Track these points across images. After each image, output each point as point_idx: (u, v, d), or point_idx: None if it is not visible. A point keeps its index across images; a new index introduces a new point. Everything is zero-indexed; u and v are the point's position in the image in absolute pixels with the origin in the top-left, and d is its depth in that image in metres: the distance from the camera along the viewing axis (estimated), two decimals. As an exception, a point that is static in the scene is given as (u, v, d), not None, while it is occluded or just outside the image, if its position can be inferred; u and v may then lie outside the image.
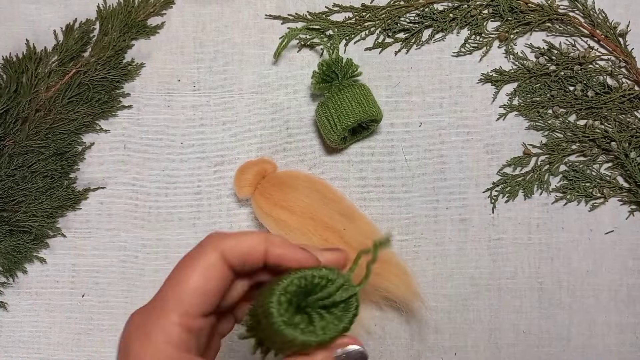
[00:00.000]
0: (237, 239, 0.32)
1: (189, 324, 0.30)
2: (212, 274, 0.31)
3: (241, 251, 0.32)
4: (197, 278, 0.31)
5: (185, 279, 0.31)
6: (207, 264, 0.31)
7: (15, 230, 0.55)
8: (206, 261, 0.31)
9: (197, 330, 0.31)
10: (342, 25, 0.60)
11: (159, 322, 0.30)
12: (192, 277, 0.31)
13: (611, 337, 0.57)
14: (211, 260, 0.31)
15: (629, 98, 0.58)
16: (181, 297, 0.30)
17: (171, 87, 0.59)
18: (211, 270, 0.31)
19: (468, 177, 0.59)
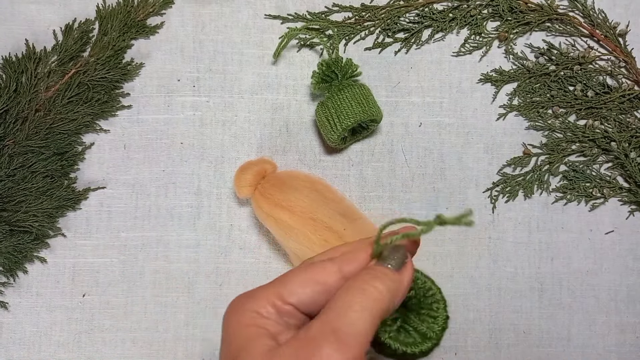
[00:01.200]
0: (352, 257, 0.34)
1: (278, 305, 0.32)
2: (322, 280, 0.33)
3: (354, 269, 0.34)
4: (308, 276, 0.33)
5: (297, 273, 0.33)
6: (322, 272, 0.33)
7: (15, 230, 0.56)
8: (323, 270, 0.33)
9: (286, 314, 0.32)
10: (341, 25, 0.60)
11: (254, 296, 0.33)
12: (303, 274, 0.33)
13: (611, 337, 0.57)
14: (327, 271, 0.33)
15: (629, 98, 0.58)
16: (285, 283, 0.33)
17: (171, 87, 0.59)
18: (323, 278, 0.33)
19: (468, 177, 0.59)
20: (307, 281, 0.33)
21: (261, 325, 0.32)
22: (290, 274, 0.34)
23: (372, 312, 0.31)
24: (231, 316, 0.33)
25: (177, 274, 0.57)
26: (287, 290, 0.33)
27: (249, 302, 0.33)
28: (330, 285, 0.33)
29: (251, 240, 0.57)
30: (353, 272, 0.33)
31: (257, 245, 0.57)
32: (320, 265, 0.34)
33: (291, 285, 0.33)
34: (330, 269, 0.33)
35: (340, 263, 0.34)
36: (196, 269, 0.57)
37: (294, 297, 0.32)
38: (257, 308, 0.32)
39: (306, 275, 0.33)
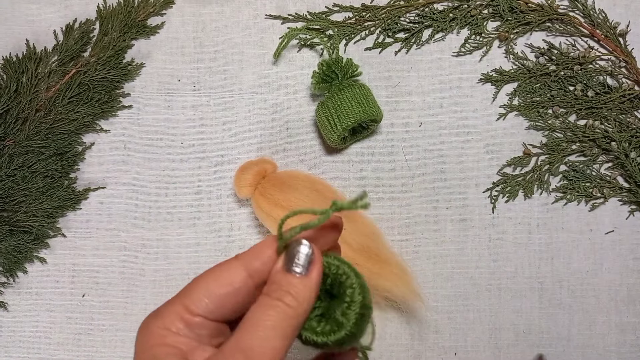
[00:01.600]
0: (254, 252, 0.32)
1: (187, 318, 0.30)
2: (227, 281, 0.31)
3: (258, 264, 0.32)
4: (210, 280, 0.31)
5: (200, 280, 0.31)
6: (225, 273, 0.31)
7: (15, 230, 0.56)
8: (226, 270, 0.31)
9: (197, 327, 0.31)
10: (342, 25, 0.60)
11: (161, 313, 0.31)
12: (206, 279, 0.31)
13: (611, 337, 0.57)
14: (231, 270, 0.31)
15: (629, 98, 0.58)
16: (189, 293, 0.31)
17: (171, 87, 0.59)
18: (227, 278, 0.31)
19: (468, 177, 0.59)
20: (213, 287, 0.31)
21: (171, 344, 0.30)
22: (194, 282, 0.31)
23: (284, 327, 0.30)
24: (139, 337, 0.31)
25: (177, 274, 0.57)
26: (193, 301, 0.30)
27: (157, 320, 0.31)
28: (237, 286, 0.31)
29: (251, 240, 0.57)
30: (259, 269, 0.32)
31: (257, 245, 0.57)
32: (225, 266, 0.32)
33: (196, 295, 0.31)
34: (235, 268, 0.31)
35: (245, 260, 0.32)
36: (196, 269, 0.57)
37: (201, 308, 0.30)
38: (166, 325, 0.30)
39: (210, 280, 0.31)
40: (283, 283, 0.31)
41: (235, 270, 0.31)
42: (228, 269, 0.32)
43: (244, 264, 0.32)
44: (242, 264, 0.32)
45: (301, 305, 0.31)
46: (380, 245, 0.55)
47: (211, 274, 0.32)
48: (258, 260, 0.32)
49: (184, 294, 0.31)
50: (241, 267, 0.32)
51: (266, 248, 0.32)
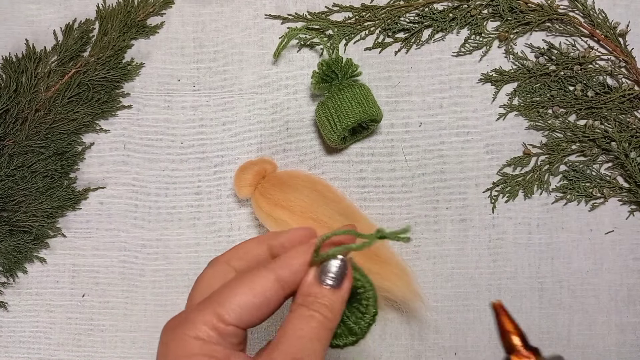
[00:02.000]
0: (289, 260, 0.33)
1: (219, 327, 0.30)
2: (259, 291, 0.31)
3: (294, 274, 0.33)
4: (244, 290, 0.31)
5: (234, 288, 0.31)
6: (257, 282, 0.32)
7: (15, 230, 0.55)
8: (259, 279, 0.32)
9: (228, 335, 0.31)
10: (342, 25, 0.60)
11: (193, 319, 0.31)
12: (239, 288, 0.31)
13: (611, 337, 0.57)
14: (264, 280, 0.32)
15: (629, 98, 0.58)
16: (222, 303, 0.31)
17: (171, 87, 0.59)
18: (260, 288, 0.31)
19: (468, 177, 0.59)
20: (247, 297, 0.31)
21: (207, 353, 0.30)
22: (225, 290, 0.32)
23: (324, 336, 0.31)
24: (170, 345, 0.31)
25: (177, 274, 0.57)
26: (226, 310, 0.31)
27: (188, 328, 0.30)
28: (269, 295, 0.32)
29: (251, 240, 0.57)
30: (289, 278, 0.32)
31: (257, 245, 0.57)
32: (257, 276, 0.32)
33: (229, 305, 0.31)
34: (267, 277, 0.32)
35: (276, 269, 0.32)
36: (196, 269, 0.57)
37: (234, 317, 0.31)
38: (199, 334, 0.30)
39: (243, 290, 0.31)
40: (319, 296, 0.32)
41: (268, 279, 0.32)
42: (260, 279, 0.32)
43: (275, 273, 0.32)
44: (274, 274, 0.32)
45: (336, 317, 0.32)
46: (380, 245, 0.55)
47: (244, 284, 0.32)
48: (288, 270, 0.32)
49: (216, 302, 0.31)
50: (273, 276, 0.32)
51: (296, 259, 0.33)
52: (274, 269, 0.32)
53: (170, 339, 0.31)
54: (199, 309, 0.31)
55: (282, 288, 0.32)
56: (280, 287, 0.32)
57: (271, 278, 0.32)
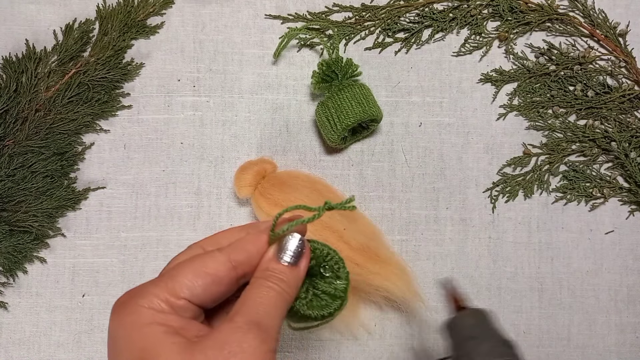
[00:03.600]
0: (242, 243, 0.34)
1: (171, 301, 0.31)
2: (211, 271, 0.32)
3: (247, 254, 0.34)
4: (195, 268, 0.32)
5: (186, 267, 0.32)
6: (210, 262, 0.33)
7: (15, 230, 0.55)
8: (211, 260, 0.33)
9: (180, 309, 0.31)
10: (342, 25, 0.60)
11: (144, 292, 0.31)
12: (191, 266, 0.32)
13: (611, 337, 0.57)
14: (215, 260, 0.33)
15: (629, 98, 0.58)
16: (174, 277, 0.32)
17: (171, 87, 0.59)
18: (212, 268, 0.32)
19: (468, 177, 0.59)
20: (198, 274, 0.32)
21: (162, 322, 0.30)
22: (179, 267, 0.33)
23: (280, 306, 0.33)
24: (123, 317, 0.31)
25: (177, 274, 0.57)
26: (179, 284, 0.31)
27: (140, 299, 0.31)
28: (221, 276, 0.33)
29: (251, 240, 0.57)
30: (243, 261, 0.34)
31: (257, 245, 0.57)
32: (209, 257, 0.33)
33: (182, 279, 0.32)
34: (220, 259, 0.33)
35: (230, 253, 0.33)
36: (196, 269, 0.57)
37: (186, 292, 0.31)
38: (152, 305, 0.31)
39: (196, 267, 0.32)
40: (276, 271, 0.34)
41: (220, 261, 0.33)
42: (213, 259, 0.33)
43: (228, 256, 0.33)
44: (226, 256, 0.33)
45: (293, 291, 0.34)
46: (380, 245, 0.55)
47: (197, 262, 0.33)
48: (242, 253, 0.34)
49: (169, 276, 0.32)
50: (225, 258, 0.33)
51: (251, 244, 0.34)
52: (227, 252, 0.33)
53: (123, 311, 0.31)
54: (152, 282, 0.32)
55: (234, 269, 0.33)
56: (232, 268, 0.33)
57: (223, 260, 0.33)
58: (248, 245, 0.34)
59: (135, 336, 0.30)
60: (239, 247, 0.34)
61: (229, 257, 0.33)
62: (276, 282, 0.33)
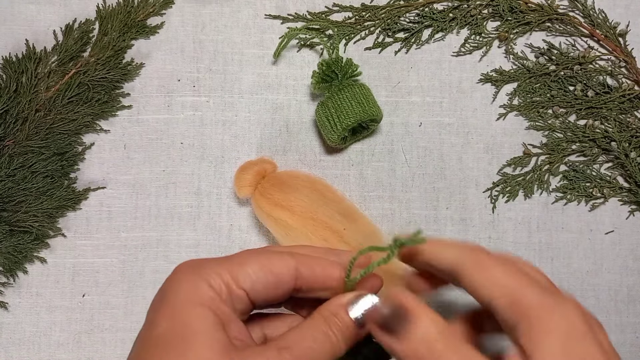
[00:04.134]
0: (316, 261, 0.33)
1: (231, 286, 0.30)
2: (277, 271, 0.31)
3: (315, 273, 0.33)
4: (263, 264, 0.31)
5: (254, 258, 0.31)
6: (277, 263, 0.32)
7: (15, 230, 0.56)
8: (279, 261, 0.32)
9: (236, 298, 0.30)
10: (341, 25, 0.60)
11: (206, 266, 0.30)
12: (259, 261, 0.31)
13: (611, 337, 0.56)
14: (284, 263, 0.32)
15: (629, 98, 0.58)
16: (241, 266, 0.30)
17: (171, 87, 0.59)
18: (278, 269, 0.31)
19: (468, 177, 0.59)
20: (264, 268, 0.31)
21: (215, 309, 0.29)
22: (246, 254, 0.31)
23: (327, 354, 0.31)
24: (184, 285, 0.30)
25: (177, 274, 0.57)
26: (243, 272, 0.30)
27: (206, 273, 0.30)
28: (283, 280, 0.31)
29: (251, 240, 0.57)
30: (306, 277, 0.32)
31: (257, 245, 0.57)
32: (279, 256, 0.32)
33: (247, 268, 0.30)
34: (289, 263, 0.32)
35: (299, 262, 0.32)
36: (196, 269, 0.57)
37: (248, 282, 0.30)
38: (212, 282, 0.29)
39: (263, 261, 0.31)
40: (342, 322, 0.32)
41: (289, 265, 0.32)
42: (282, 261, 0.32)
43: (297, 264, 0.32)
44: (295, 263, 0.32)
45: (344, 348, 0.32)
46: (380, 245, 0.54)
47: (265, 257, 0.31)
48: (309, 271, 0.32)
49: (235, 261, 0.31)
50: (294, 264, 0.32)
51: (321, 267, 0.33)
52: (298, 259, 0.32)
53: (185, 276, 0.30)
54: (217, 262, 0.31)
55: (296, 279, 0.32)
56: (295, 278, 0.32)
57: (291, 265, 0.32)
58: (317, 267, 0.33)
59: (185, 308, 0.29)
60: (309, 263, 0.32)
61: (297, 265, 0.32)
62: (336, 333, 0.31)
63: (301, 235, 0.52)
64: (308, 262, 0.33)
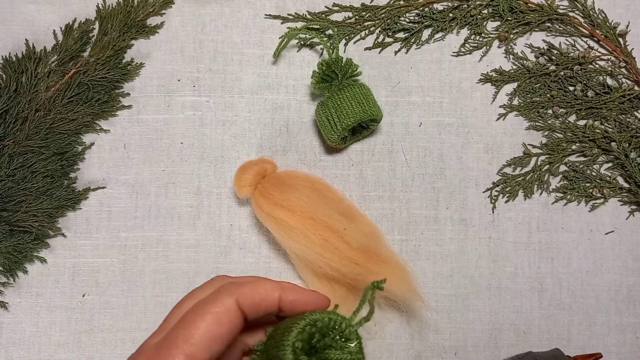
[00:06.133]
0: (252, 286, 0.33)
1: None
2: (224, 318, 0.31)
3: (255, 298, 0.32)
4: (209, 321, 0.31)
5: (198, 321, 0.31)
6: (221, 309, 0.31)
7: (15, 230, 0.55)
8: (221, 306, 0.32)
9: None
10: (341, 25, 0.60)
11: (162, 356, 0.30)
12: (204, 320, 0.31)
13: (611, 337, 0.57)
14: (226, 306, 0.32)
15: (629, 98, 0.58)
16: (190, 339, 0.30)
17: (171, 87, 0.59)
18: (224, 315, 0.31)
19: (468, 177, 0.59)
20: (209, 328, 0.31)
21: None
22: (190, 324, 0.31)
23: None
24: None
25: (177, 274, 0.57)
26: (198, 348, 0.30)
27: None
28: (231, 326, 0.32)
29: (251, 240, 0.57)
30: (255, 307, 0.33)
31: (257, 245, 0.57)
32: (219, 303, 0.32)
33: (193, 340, 0.30)
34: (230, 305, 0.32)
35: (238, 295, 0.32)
36: (196, 269, 0.57)
37: (204, 354, 0.30)
38: None
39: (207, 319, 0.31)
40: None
41: (231, 308, 0.32)
42: (225, 309, 0.32)
43: (240, 304, 0.32)
44: (236, 303, 0.32)
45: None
46: (380, 245, 0.55)
47: (206, 314, 0.31)
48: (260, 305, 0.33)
49: (184, 341, 0.30)
50: (235, 305, 0.32)
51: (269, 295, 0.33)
52: (234, 293, 0.32)
53: None
54: (168, 349, 0.31)
55: (240, 317, 0.32)
56: (239, 317, 0.32)
57: (233, 304, 0.32)
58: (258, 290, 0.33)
59: None
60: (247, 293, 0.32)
61: (237, 299, 0.32)
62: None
63: (301, 235, 0.52)
64: (245, 293, 0.32)
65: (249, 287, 0.33)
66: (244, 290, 0.32)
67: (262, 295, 0.33)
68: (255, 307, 0.33)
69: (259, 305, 0.33)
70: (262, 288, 0.33)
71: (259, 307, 0.33)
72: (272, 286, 0.33)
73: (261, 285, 0.33)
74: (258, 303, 0.33)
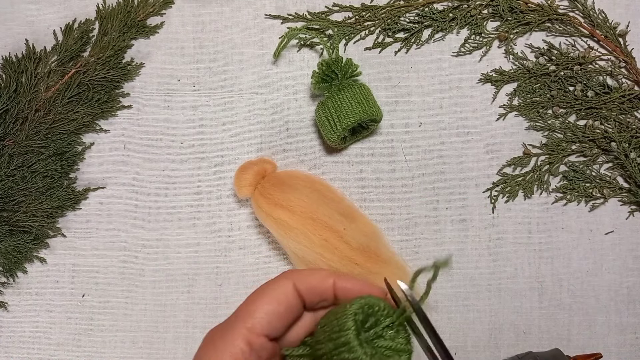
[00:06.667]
0: (309, 272, 0.36)
1: (252, 340, 0.33)
2: (283, 298, 0.34)
3: (311, 282, 0.35)
4: (269, 300, 0.34)
5: (257, 300, 0.34)
6: (280, 290, 0.34)
7: (15, 230, 0.55)
8: (279, 288, 0.35)
9: (259, 349, 0.33)
10: (341, 25, 0.60)
11: (227, 335, 0.33)
12: (264, 299, 0.34)
13: (611, 337, 0.57)
14: (284, 288, 0.34)
15: (629, 98, 0.58)
16: (251, 314, 0.34)
17: (171, 87, 0.59)
18: (283, 295, 0.34)
19: (468, 177, 0.59)
20: (270, 304, 0.34)
21: None
22: (250, 301, 0.34)
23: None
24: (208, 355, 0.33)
25: (177, 274, 0.57)
26: (256, 321, 0.33)
27: (225, 343, 0.33)
28: (291, 303, 0.34)
29: (251, 240, 0.57)
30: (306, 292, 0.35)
31: (257, 245, 0.57)
32: (276, 285, 0.35)
33: (257, 315, 0.33)
34: (286, 287, 0.34)
35: (295, 280, 0.35)
36: (196, 269, 0.57)
37: (265, 326, 0.33)
38: (233, 350, 0.33)
39: (266, 299, 0.34)
40: None
41: (288, 290, 0.34)
42: (283, 291, 0.34)
43: (297, 287, 0.35)
44: (291, 284, 0.35)
45: None
46: (380, 245, 0.55)
47: (267, 295, 0.34)
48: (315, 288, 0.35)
49: (245, 317, 0.34)
50: (291, 285, 0.35)
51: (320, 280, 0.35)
52: (291, 278, 0.35)
53: (207, 355, 0.33)
54: (233, 322, 0.34)
55: (300, 297, 0.35)
56: (298, 297, 0.35)
57: (289, 287, 0.34)
58: (312, 280, 0.35)
59: None
60: (303, 278, 0.35)
61: (294, 283, 0.34)
62: None
63: (301, 235, 0.52)
64: (302, 277, 0.35)
65: (306, 272, 0.36)
66: (301, 274, 0.35)
67: (317, 280, 0.35)
68: (311, 291, 0.35)
69: (315, 289, 0.35)
70: (317, 274, 0.35)
71: (315, 291, 0.35)
72: (328, 273, 0.36)
73: (317, 271, 0.36)
74: (314, 287, 0.35)
